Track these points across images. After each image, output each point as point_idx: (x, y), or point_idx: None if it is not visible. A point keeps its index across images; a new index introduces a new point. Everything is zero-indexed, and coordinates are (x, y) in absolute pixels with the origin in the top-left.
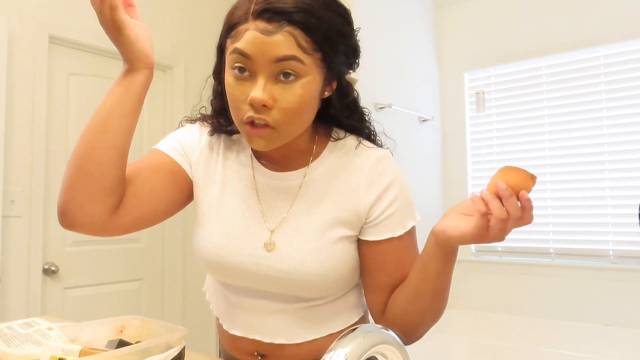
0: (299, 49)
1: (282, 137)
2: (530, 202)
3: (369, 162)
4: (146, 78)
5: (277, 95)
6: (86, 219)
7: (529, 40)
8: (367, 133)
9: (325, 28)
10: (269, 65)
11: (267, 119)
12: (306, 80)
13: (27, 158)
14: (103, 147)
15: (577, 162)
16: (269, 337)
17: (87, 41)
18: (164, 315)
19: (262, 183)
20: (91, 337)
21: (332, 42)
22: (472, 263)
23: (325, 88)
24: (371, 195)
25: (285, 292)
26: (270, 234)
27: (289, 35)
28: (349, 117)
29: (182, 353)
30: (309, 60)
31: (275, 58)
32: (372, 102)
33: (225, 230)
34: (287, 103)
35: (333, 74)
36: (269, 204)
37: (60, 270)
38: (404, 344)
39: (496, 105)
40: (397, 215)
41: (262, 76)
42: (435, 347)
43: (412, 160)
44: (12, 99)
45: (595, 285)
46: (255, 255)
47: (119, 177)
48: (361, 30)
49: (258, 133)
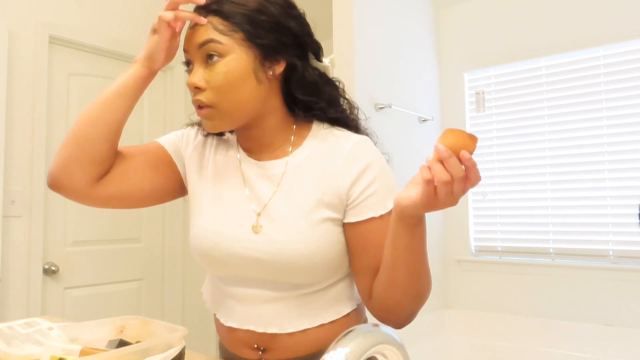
0: (216, 32)
1: (222, 113)
2: (471, 160)
3: (348, 145)
4: (145, 75)
5: (207, 77)
6: (70, 183)
7: (529, 40)
8: (343, 119)
9: (241, 10)
10: (196, 53)
11: (202, 99)
12: (229, 58)
13: (27, 158)
14: (96, 120)
15: (577, 162)
16: (262, 326)
17: (87, 41)
18: (164, 315)
19: (248, 172)
20: (91, 337)
21: (252, 21)
22: (472, 263)
23: (267, 67)
24: (350, 176)
25: (275, 277)
26: (257, 217)
27: (209, 23)
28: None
29: (182, 353)
30: (228, 40)
31: (198, 44)
32: (372, 102)
33: (216, 218)
34: (215, 82)
35: (269, 52)
36: (254, 190)
37: (61, 270)
38: (395, 327)
39: (496, 105)
40: (377, 196)
41: (195, 64)
42: (435, 347)
43: (412, 160)
44: (12, 99)
45: (595, 285)
46: (244, 239)
47: (106, 150)
48: (361, 30)
49: (202, 113)
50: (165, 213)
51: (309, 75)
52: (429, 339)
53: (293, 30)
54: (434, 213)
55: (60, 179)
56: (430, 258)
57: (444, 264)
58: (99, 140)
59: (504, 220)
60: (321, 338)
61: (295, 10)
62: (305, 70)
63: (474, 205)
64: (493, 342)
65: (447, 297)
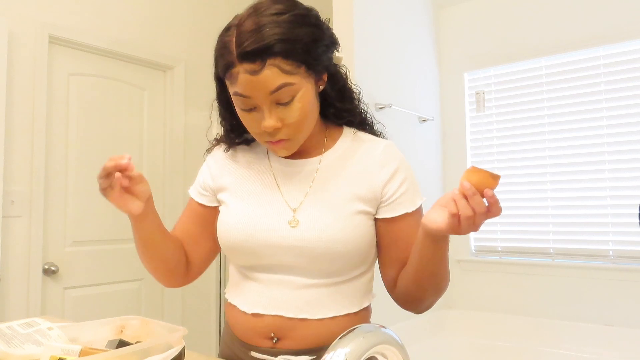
0: (285, 74)
1: (298, 141)
2: (494, 197)
3: (380, 147)
4: (137, 222)
5: (282, 116)
6: (172, 285)
7: (529, 40)
8: (362, 118)
9: (301, 45)
10: (266, 98)
11: (281, 136)
12: (301, 94)
13: (27, 158)
14: (149, 261)
15: (577, 162)
16: (292, 312)
17: (87, 41)
18: (164, 315)
19: (279, 170)
20: (91, 337)
21: (310, 52)
22: (472, 263)
23: (319, 84)
24: (385, 175)
25: (309, 265)
26: (293, 213)
27: (273, 67)
28: (342, 100)
29: (182, 353)
30: (296, 78)
31: (269, 92)
32: (372, 102)
33: (249, 213)
34: (292, 119)
35: (320, 73)
36: (288, 187)
37: (60, 270)
38: (414, 313)
39: (496, 105)
40: (408, 195)
41: (265, 107)
42: (435, 347)
43: (412, 160)
44: (12, 99)
45: (595, 285)
46: (281, 230)
47: (175, 261)
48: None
49: (279, 146)
50: (166, 213)
51: (341, 82)
52: (429, 339)
53: (332, 42)
54: None
55: (168, 285)
56: None
57: None
58: (162, 265)
59: (504, 220)
60: (334, 331)
61: (322, 20)
62: (338, 75)
63: None
64: (493, 342)
65: (447, 297)
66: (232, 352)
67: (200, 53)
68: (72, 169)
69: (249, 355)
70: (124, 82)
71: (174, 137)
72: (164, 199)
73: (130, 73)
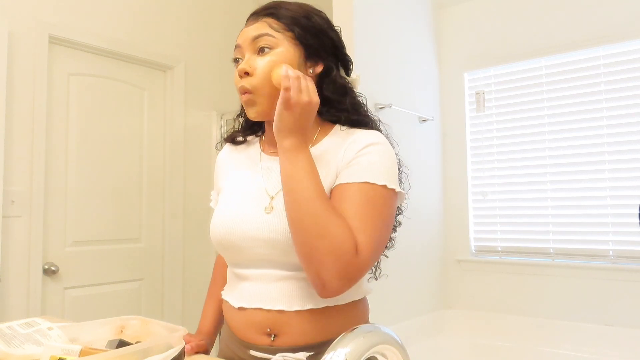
0: (270, 28)
1: (262, 98)
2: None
3: (355, 134)
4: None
5: (256, 65)
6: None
7: (529, 40)
8: (365, 122)
9: (292, 14)
10: (249, 45)
11: (245, 84)
12: (278, 50)
13: (27, 158)
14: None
15: (577, 162)
16: (270, 303)
17: (87, 41)
18: (164, 315)
19: (266, 166)
20: (91, 337)
21: (301, 25)
22: (472, 263)
23: (308, 65)
24: (348, 155)
25: (285, 256)
26: (270, 200)
27: (263, 22)
28: (340, 97)
29: (182, 353)
30: (279, 35)
31: (252, 37)
32: (372, 102)
33: (233, 207)
34: (262, 68)
35: (311, 53)
36: (270, 179)
37: (60, 270)
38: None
39: (496, 105)
40: (357, 167)
41: (247, 54)
42: (435, 347)
43: (412, 160)
44: (12, 99)
45: (595, 285)
46: (257, 220)
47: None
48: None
49: (244, 99)
50: (165, 213)
51: (340, 80)
52: (429, 339)
53: (333, 40)
54: (434, 213)
55: None
56: (430, 258)
57: (444, 264)
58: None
59: (504, 220)
60: (331, 325)
61: (334, 27)
62: (337, 76)
63: (474, 205)
64: (493, 342)
65: (447, 297)
66: (231, 350)
67: (200, 53)
68: (72, 169)
69: (247, 354)
70: (124, 82)
71: (174, 137)
72: (164, 199)
73: (130, 73)
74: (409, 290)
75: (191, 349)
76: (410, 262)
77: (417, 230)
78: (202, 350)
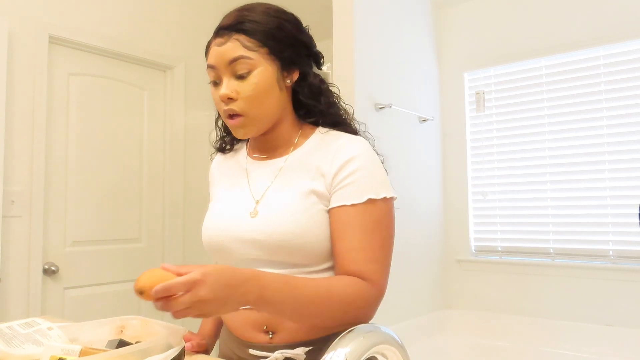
0: (244, 49)
1: (252, 120)
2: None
3: (340, 141)
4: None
5: (239, 88)
6: None
7: (529, 40)
8: (343, 121)
9: (264, 28)
10: (226, 68)
11: (235, 108)
12: (258, 71)
13: (27, 158)
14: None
15: (577, 162)
16: None
17: (87, 41)
18: (164, 315)
19: (252, 171)
20: (91, 337)
21: (274, 37)
22: (472, 263)
23: (285, 76)
24: (335, 165)
25: (272, 257)
26: (256, 204)
27: (235, 41)
28: (314, 100)
29: (182, 353)
30: (255, 55)
31: (228, 61)
32: (372, 102)
33: (221, 211)
34: (246, 92)
35: (287, 64)
36: (255, 183)
37: (60, 270)
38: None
39: (496, 105)
40: (355, 185)
41: (225, 78)
42: (435, 347)
43: (412, 160)
44: (12, 98)
45: (595, 285)
46: (243, 223)
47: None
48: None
49: (234, 123)
50: (165, 213)
51: (315, 82)
52: (429, 339)
53: (305, 43)
54: (434, 213)
55: None
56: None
57: (444, 264)
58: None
59: (504, 220)
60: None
61: (304, 27)
62: (313, 78)
63: (474, 205)
64: (493, 342)
65: (447, 297)
66: (230, 350)
67: (200, 53)
68: (72, 169)
69: (247, 352)
70: (124, 82)
71: (174, 137)
72: (164, 199)
73: (130, 73)
74: (409, 290)
75: (191, 347)
76: (410, 262)
77: (417, 230)
78: (203, 350)
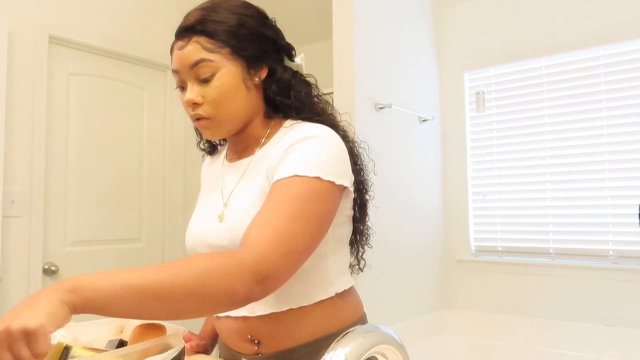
0: (205, 51)
1: (220, 122)
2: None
3: (296, 129)
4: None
5: (203, 92)
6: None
7: (529, 40)
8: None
9: (224, 28)
10: (189, 72)
11: (201, 113)
12: (221, 73)
13: (27, 158)
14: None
15: (577, 162)
16: (250, 311)
17: (87, 41)
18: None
19: (225, 174)
20: (91, 337)
21: (235, 36)
22: (472, 263)
23: (252, 74)
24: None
25: None
26: (223, 208)
27: (195, 43)
28: (282, 96)
29: (182, 353)
30: (217, 56)
31: (189, 65)
32: (372, 102)
33: (197, 218)
34: (211, 96)
35: (253, 61)
36: (226, 186)
37: (60, 270)
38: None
39: (496, 105)
40: (288, 162)
41: (189, 82)
42: (435, 347)
43: (412, 160)
44: (12, 98)
45: (595, 285)
46: (212, 229)
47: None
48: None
49: (200, 125)
50: (165, 213)
51: (285, 76)
52: (429, 339)
53: (270, 37)
54: (434, 212)
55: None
56: (430, 258)
57: (444, 264)
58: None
59: (504, 220)
60: (307, 325)
61: (269, 20)
62: (283, 73)
63: (474, 205)
64: (493, 342)
65: (447, 297)
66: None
67: None
68: (72, 169)
69: None
70: (124, 82)
71: (174, 137)
72: (164, 199)
73: (130, 73)
74: (409, 290)
75: (191, 348)
76: (410, 262)
77: (417, 230)
78: (202, 350)
